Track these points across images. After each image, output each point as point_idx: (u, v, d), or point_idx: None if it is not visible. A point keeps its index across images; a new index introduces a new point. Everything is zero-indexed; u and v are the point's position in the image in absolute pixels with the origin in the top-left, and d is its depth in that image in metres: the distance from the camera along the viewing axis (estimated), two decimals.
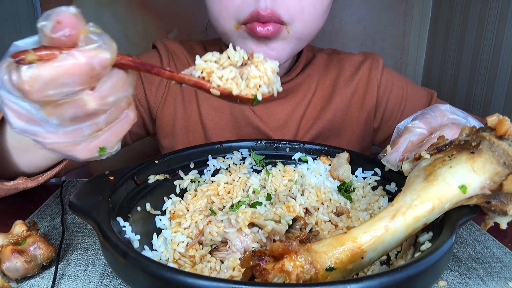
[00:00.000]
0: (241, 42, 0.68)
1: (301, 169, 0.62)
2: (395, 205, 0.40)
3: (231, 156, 0.64)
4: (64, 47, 0.31)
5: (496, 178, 0.40)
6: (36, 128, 0.34)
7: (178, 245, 0.48)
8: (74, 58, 0.31)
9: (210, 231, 0.48)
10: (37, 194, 0.72)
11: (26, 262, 0.46)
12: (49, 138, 0.35)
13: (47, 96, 0.31)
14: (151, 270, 0.33)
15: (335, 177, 0.60)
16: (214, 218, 0.50)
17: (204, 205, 0.55)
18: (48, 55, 0.31)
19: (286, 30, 0.65)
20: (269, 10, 0.62)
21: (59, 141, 0.35)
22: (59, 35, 0.31)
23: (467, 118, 0.57)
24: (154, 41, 0.84)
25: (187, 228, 0.50)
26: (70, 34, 0.31)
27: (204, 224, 0.49)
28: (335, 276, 0.37)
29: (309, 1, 0.65)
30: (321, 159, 0.63)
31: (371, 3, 1.45)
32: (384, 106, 0.84)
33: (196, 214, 0.51)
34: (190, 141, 0.82)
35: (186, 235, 0.49)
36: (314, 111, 0.82)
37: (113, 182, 0.49)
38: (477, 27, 1.19)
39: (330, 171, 0.61)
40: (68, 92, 0.32)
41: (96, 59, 0.31)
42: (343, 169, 0.59)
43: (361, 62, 0.84)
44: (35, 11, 1.34)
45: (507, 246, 0.57)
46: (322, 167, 0.62)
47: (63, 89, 0.31)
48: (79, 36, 0.32)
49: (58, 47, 0.31)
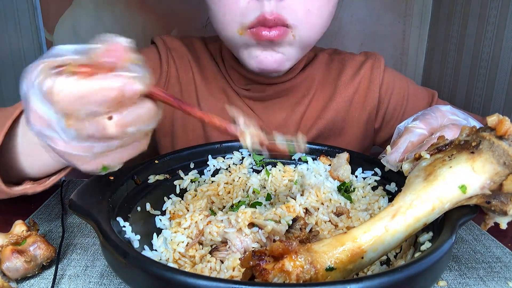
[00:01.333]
0: (245, 50, 0.67)
1: (301, 169, 0.62)
2: (395, 205, 0.40)
3: (231, 156, 0.64)
4: (102, 68, 0.33)
5: (496, 178, 0.40)
6: (52, 133, 0.35)
7: (178, 245, 0.48)
8: (108, 81, 0.32)
9: (210, 231, 0.48)
10: (37, 194, 0.71)
11: (26, 262, 0.46)
12: (61, 146, 0.36)
13: (73, 110, 0.33)
14: (151, 270, 0.33)
15: (335, 177, 0.60)
16: (214, 218, 0.50)
17: (204, 205, 0.55)
18: (87, 72, 0.33)
19: (292, 35, 0.64)
20: (275, 14, 0.60)
21: (69, 152, 0.36)
22: (104, 61, 0.33)
23: (467, 119, 0.57)
24: (153, 37, 0.83)
25: (187, 228, 0.50)
26: (114, 62, 0.33)
27: (204, 224, 0.49)
28: (335, 276, 0.37)
29: (315, 5, 0.64)
30: (321, 159, 0.63)
31: (371, 3, 1.45)
32: (386, 106, 0.84)
33: (196, 214, 0.51)
34: (189, 139, 0.82)
35: (186, 235, 0.49)
36: (314, 110, 0.82)
37: (113, 182, 0.49)
38: (477, 27, 1.19)
39: (330, 171, 0.61)
40: (94, 112, 0.33)
41: (129, 86, 0.33)
42: (343, 169, 0.59)
43: (362, 62, 0.84)
44: (35, 11, 1.34)
45: (507, 246, 0.57)
46: (322, 167, 0.62)
47: (90, 107, 0.33)
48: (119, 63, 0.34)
49: (96, 66, 0.33)
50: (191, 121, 0.81)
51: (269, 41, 0.63)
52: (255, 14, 0.61)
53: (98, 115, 0.33)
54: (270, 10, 0.60)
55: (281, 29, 0.62)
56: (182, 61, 0.81)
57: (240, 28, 0.63)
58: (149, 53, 0.81)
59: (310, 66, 0.82)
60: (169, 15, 1.41)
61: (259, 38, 0.62)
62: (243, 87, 0.79)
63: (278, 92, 0.79)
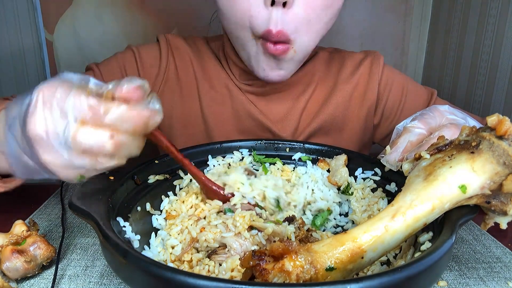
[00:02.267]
0: (255, 53, 0.69)
1: (299, 170, 0.62)
2: (395, 205, 0.40)
3: (231, 156, 0.64)
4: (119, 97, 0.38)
5: (496, 178, 0.40)
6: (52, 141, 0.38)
7: (173, 248, 0.48)
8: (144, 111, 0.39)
9: (206, 239, 0.47)
10: (37, 194, 0.72)
11: (26, 262, 0.46)
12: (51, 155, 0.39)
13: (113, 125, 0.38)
14: (151, 270, 0.33)
15: (333, 183, 0.60)
16: (207, 224, 0.49)
17: (198, 201, 0.54)
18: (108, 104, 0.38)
19: (293, 50, 0.67)
20: (279, 29, 0.63)
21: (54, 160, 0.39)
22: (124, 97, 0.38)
23: (466, 118, 0.57)
24: (157, 35, 0.85)
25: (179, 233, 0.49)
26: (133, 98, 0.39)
27: (197, 232, 0.48)
28: (335, 276, 0.37)
29: (316, 13, 0.66)
30: (319, 165, 0.63)
31: (371, 3, 1.45)
32: (384, 102, 0.85)
33: (186, 219, 0.50)
34: (189, 134, 0.82)
35: (179, 241, 0.48)
36: (315, 105, 0.83)
37: (113, 182, 0.49)
38: (477, 27, 1.19)
39: (328, 177, 0.61)
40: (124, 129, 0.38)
41: (153, 117, 0.39)
42: (339, 174, 0.59)
43: (362, 59, 0.86)
44: (35, 11, 1.34)
45: (507, 246, 0.57)
46: (320, 173, 0.62)
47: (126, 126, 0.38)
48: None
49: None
50: (191, 116, 0.82)
51: (273, 55, 0.67)
52: (262, 27, 0.64)
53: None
54: (275, 23, 0.63)
55: (284, 45, 0.66)
56: (183, 58, 0.82)
57: (252, 34, 0.67)
58: (151, 49, 0.83)
59: (310, 62, 0.83)
60: (169, 15, 1.41)
61: (265, 49, 0.66)
62: (245, 82, 0.81)
63: (279, 87, 0.81)
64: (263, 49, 0.67)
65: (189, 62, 0.82)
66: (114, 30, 1.40)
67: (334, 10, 0.68)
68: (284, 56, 0.67)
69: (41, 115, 0.38)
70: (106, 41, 1.40)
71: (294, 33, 0.65)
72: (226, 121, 0.82)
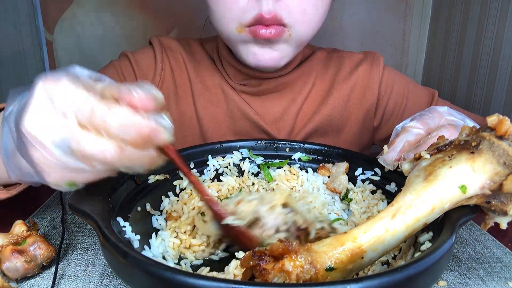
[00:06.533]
0: (243, 46, 0.69)
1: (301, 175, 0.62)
2: (395, 205, 0.40)
3: (231, 156, 0.64)
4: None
5: (496, 178, 0.40)
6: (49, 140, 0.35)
7: (173, 248, 0.48)
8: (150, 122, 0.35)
9: (242, 210, 0.47)
10: (37, 194, 0.72)
11: (26, 262, 0.46)
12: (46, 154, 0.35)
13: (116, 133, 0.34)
14: (151, 270, 0.33)
15: (332, 189, 0.60)
16: (244, 197, 0.49)
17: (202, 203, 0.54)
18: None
19: (288, 33, 0.66)
20: (272, 13, 0.63)
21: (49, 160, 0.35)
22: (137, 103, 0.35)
23: (465, 119, 0.57)
24: (150, 38, 0.85)
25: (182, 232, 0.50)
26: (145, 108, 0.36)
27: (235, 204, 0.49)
28: (335, 276, 0.37)
29: (311, 3, 0.66)
30: (319, 172, 0.63)
31: (371, 3, 1.45)
32: (385, 104, 0.84)
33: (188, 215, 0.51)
34: (184, 136, 0.82)
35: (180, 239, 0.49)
36: (311, 106, 0.82)
37: (113, 182, 0.49)
38: (477, 27, 1.19)
39: (327, 183, 0.61)
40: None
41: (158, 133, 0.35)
42: (339, 181, 0.59)
43: (361, 60, 0.85)
44: (35, 11, 1.34)
45: (507, 246, 0.57)
46: (321, 180, 0.62)
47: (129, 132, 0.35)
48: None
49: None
50: (186, 117, 0.82)
51: (266, 39, 0.65)
52: (253, 13, 0.64)
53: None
54: (267, 9, 0.62)
55: (278, 28, 0.65)
56: (177, 59, 0.82)
57: (239, 26, 0.66)
58: (145, 52, 0.82)
59: (307, 62, 0.83)
60: (169, 15, 1.41)
61: (256, 36, 0.65)
62: (240, 82, 0.80)
63: (275, 86, 0.80)
64: (253, 35, 0.65)
65: (183, 64, 0.82)
66: (114, 30, 1.40)
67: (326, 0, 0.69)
68: (278, 38, 0.66)
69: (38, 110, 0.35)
70: (106, 41, 1.40)
71: (288, 18, 0.65)
72: (221, 123, 0.81)
